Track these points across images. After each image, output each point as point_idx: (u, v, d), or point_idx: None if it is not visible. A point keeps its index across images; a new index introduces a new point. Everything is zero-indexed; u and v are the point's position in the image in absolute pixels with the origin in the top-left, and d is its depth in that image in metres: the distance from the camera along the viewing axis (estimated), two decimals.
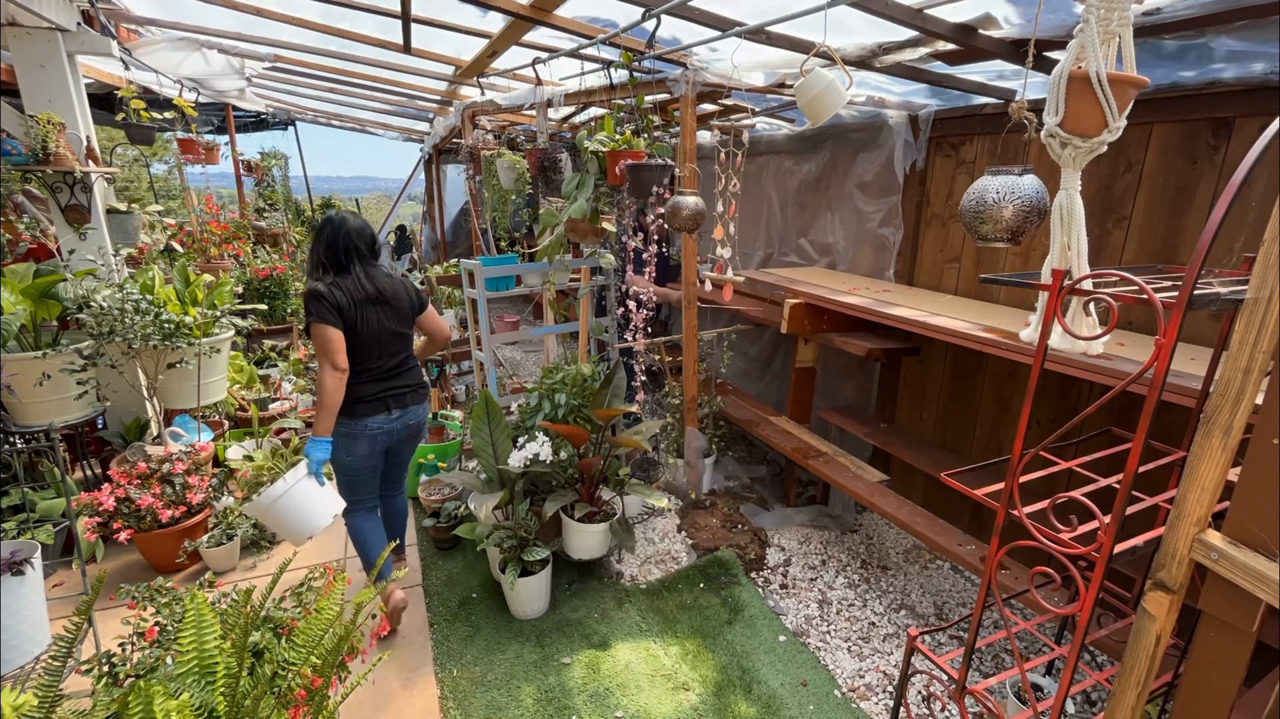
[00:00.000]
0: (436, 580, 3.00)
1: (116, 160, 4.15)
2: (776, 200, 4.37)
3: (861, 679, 2.48)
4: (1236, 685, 1.02)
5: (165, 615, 1.88)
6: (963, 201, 1.46)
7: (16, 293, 2.74)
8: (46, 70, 3.07)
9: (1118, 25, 1.03)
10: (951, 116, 3.04)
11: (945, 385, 3.27)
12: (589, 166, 2.74)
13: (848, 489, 3.05)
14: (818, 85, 1.87)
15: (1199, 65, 2.12)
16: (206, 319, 3.18)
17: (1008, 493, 1.42)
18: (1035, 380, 1.34)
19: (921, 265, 3.31)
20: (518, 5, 2.48)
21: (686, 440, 3.58)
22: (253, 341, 5.58)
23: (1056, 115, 1.07)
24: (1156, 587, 1.10)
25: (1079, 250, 1.13)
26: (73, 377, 2.79)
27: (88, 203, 3.25)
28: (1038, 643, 2.65)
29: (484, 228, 4.49)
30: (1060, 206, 1.12)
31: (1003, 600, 1.53)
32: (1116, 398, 1.13)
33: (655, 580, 3.01)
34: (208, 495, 3.07)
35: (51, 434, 2.75)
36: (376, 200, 14.71)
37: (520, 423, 3.33)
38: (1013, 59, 2.19)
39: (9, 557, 1.86)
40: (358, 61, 4.08)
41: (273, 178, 7.18)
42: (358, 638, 1.91)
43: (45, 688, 1.37)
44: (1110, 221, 2.50)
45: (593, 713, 2.27)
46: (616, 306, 4.07)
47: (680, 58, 2.84)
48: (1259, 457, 0.95)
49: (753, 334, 4.76)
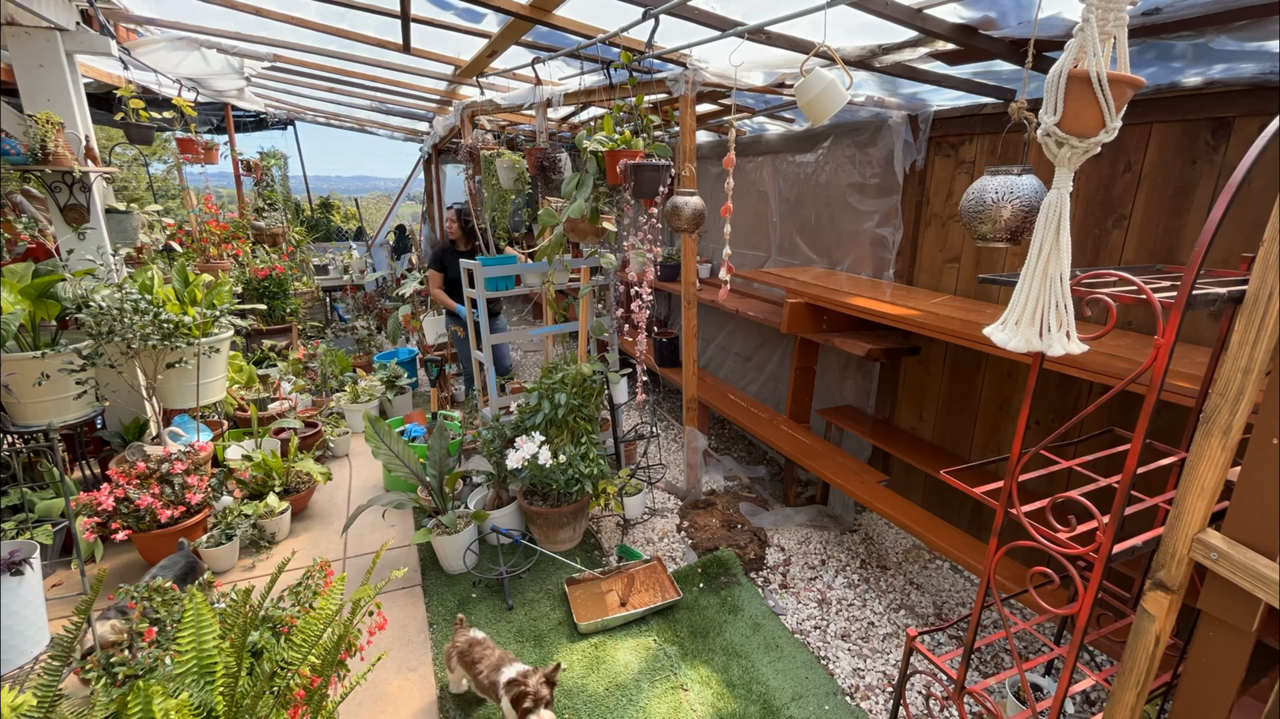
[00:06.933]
0: (436, 580, 3.00)
1: (115, 160, 4.15)
2: (775, 200, 4.37)
3: (861, 679, 2.48)
4: (1236, 685, 1.02)
5: (164, 615, 1.88)
6: (962, 201, 1.46)
7: (15, 292, 2.73)
8: (45, 70, 3.07)
9: (1114, 26, 1.03)
10: (951, 116, 3.04)
11: (944, 385, 3.27)
12: (588, 166, 2.74)
13: (847, 489, 3.05)
14: (818, 85, 1.87)
15: (1199, 65, 2.12)
16: (205, 319, 3.17)
17: (1006, 492, 1.42)
18: (1034, 380, 1.34)
19: (921, 265, 3.31)
20: (517, 5, 2.48)
21: (686, 440, 3.58)
22: (252, 341, 5.58)
23: (1054, 115, 1.07)
24: (1156, 586, 1.10)
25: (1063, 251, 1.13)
26: (71, 376, 2.79)
27: (86, 202, 3.25)
28: (1037, 643, 2.65)
29: (483, 228, 4.48)
30: (1050, 205, 1.12)
31: (1002, 600, 1.53)
32: (1116, 397, 1.13)
33: None
34: (207, 495, 3.07)
35: (50, 434, 2.75)
36: (376, 200, 14.69)
37: (519, 423, 3.34)
38: (1012, 59, 2.19)
39: (8, 557, 1.85)
40: (357, 61, 4.08)
41: (272, 177, 7.18)
42: (355, 635, 1.92)
43: (44, 688, 1.37)
44: (1110, 221, 2.50)
45: (592, 712, 2.27)
46: (616, 307, 4.07)
47: (679, 58, 2.84)
48: (1259, 457, 0.95)
49: (752, 334, 4.76)
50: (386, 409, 5.05)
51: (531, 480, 3.15)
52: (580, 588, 2.90)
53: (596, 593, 2.87)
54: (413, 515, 3.58)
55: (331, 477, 3.67)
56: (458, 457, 3.85)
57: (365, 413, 3.22)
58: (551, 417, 3.22)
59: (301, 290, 6.60)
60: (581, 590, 2.89)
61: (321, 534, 3.41)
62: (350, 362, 5.51)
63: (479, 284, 3.46)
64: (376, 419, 3.14)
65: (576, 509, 3.17)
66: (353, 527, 3.40)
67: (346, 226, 9.98)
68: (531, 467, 3.06)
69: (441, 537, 2.97)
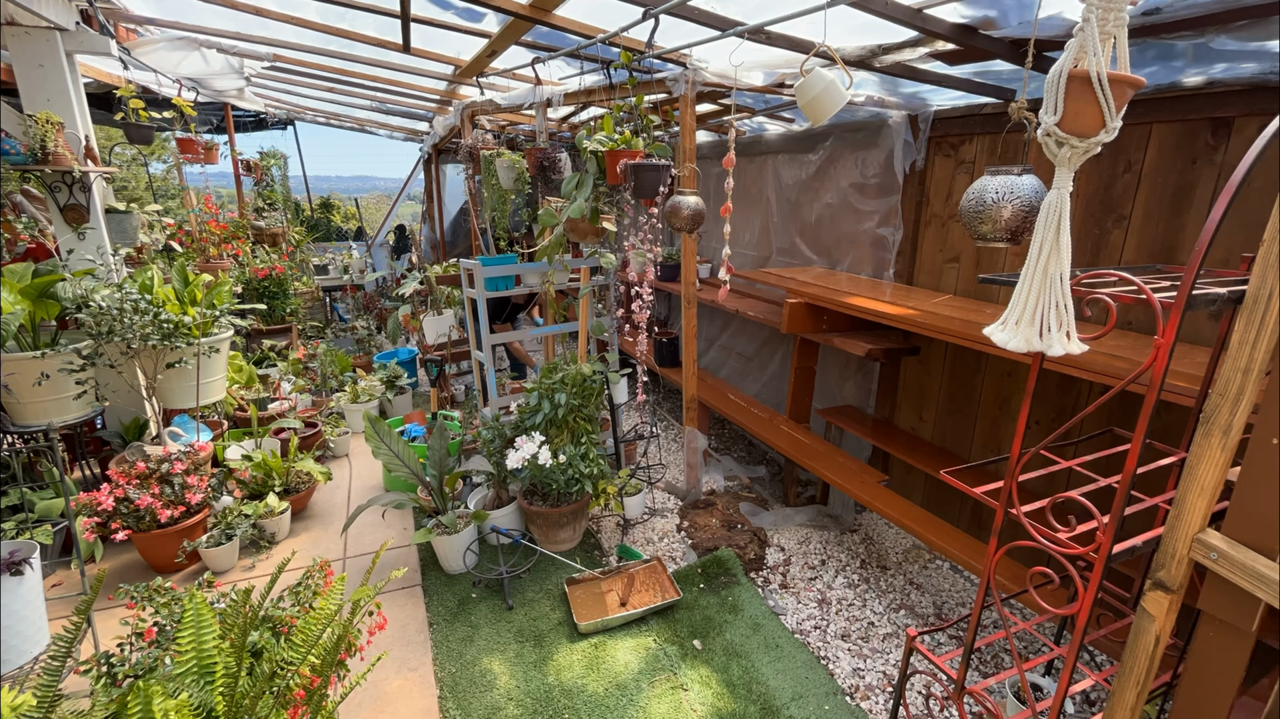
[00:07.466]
0: (436, 580, 3.00)
1: (115, 160, 4.15)
2: (775, 200, 4.37)
3: (861, 679, 2.48)
4: (1236, 685, 1.02)
5: (164, 615, 1.88)
6: (962, 201, 1.46)
7: (15, 292, 2.73)
8: (45, 70, 3.07)
9: (1114, 26, 1.03)
10: (951, 116, 3.04)
11: (944, 385, 3.27)
12: (588, 166, 2.74)
13: (847, 489, 3.05)
14: (818, 85, 1.87)
15: (1199, 65, 2.12)
16: (205, 319, 3.17)
17: (1006, 492, 1.42)
18: (1034, 380, 1.34)
19: (921, 265, 3.31)
20: (517, 5, 2.47)
21: (686, 440, 3.58)
22: (252, 341, 5.58)
23: (1054, 114, 1.07)
24: (1156, 586, 1.10)
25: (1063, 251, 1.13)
26: (71, 376, 2.79)
27: (86, 202, 3.25)
28: (1037, 643, 2.65)
29: (483, 228, 4.48)
30: (1050, 205, 1.12)
31: (1002, 600, 1.53)
32: (1116, 397, 1.13)
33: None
34: (207, 495, 3.07)
35: (50, 434, 2.74)
36: (376, 200, 14.69)
37: (519, 423, 3.34)
38: (1012, 59, 2.19)
39: (8, 557, 1.85)
40: (357, 61, 4.08)
41: (272, 177, 7.18)
42: (355, 635, 1.92)
43: (44, 688, 1.37)
44: (1110, 221, 2.50)
45: (592, 713, 2.27)
46: (616, 307, 4.07)
47: (679, 57, 2.84)
48: (1259, 457, 0.95)
49: (752, 334, 4.76)
50: (386, 409, 5.05)
51: (531, 480, 3.15)
52: (580, 588, 2.90)
53: (596, 593, 2.87)
54: (413, 515, 3.58)
55: (331, 476, 3.67)
56: (458, 457, 3.85)
57: (365, 413, 3.22)
58: (551, 417, 3.22)
59: (301, 290, 6.60)
60: (581, 590, 2.89)
61: (321, 534, 3.41)
62: (350, 362, 5.51)
63: (479, 284, 3.46)
64: (376, 419, 3.14)
65: (576, 509, 3.17)
66: (353, 527, 3.40)
67: (346, 226, 9.98)
68: (531, 467, 3.06)
69: (441, 537, 2.97)
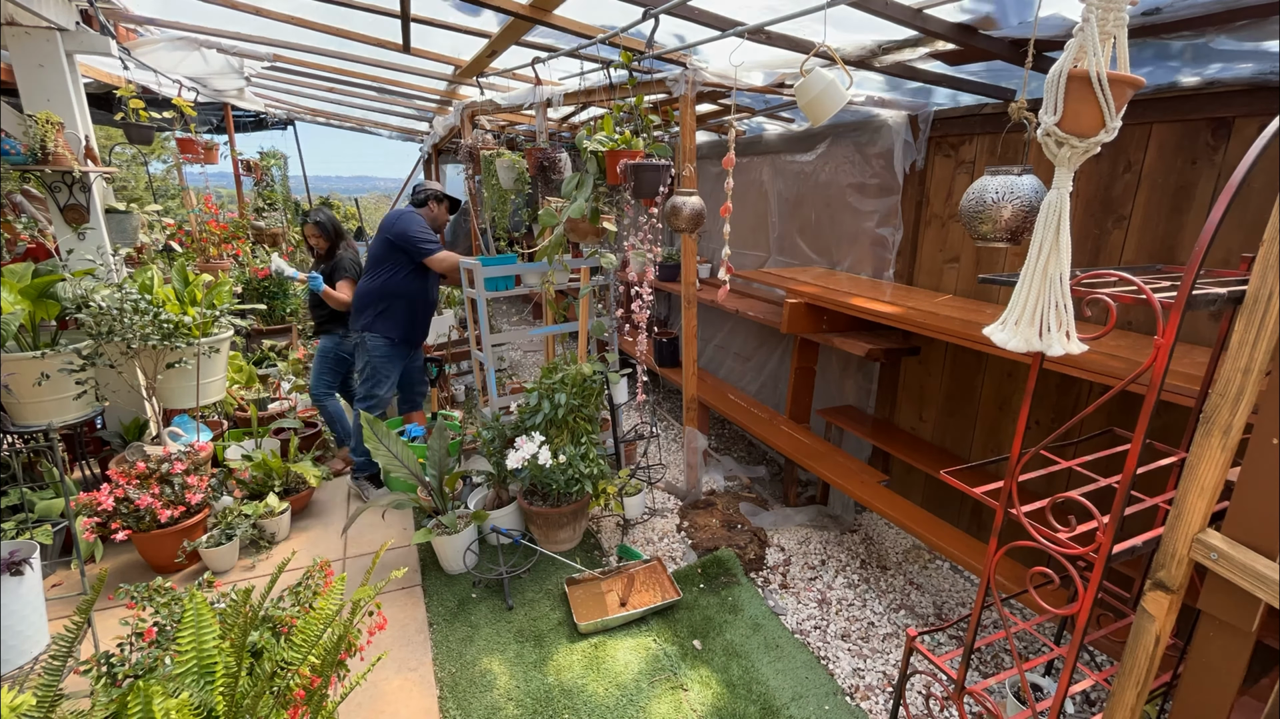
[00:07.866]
0: (436, 580, 3.00)
1: (115, 160, 4.15)
2: (775, 200, 4.37)
3: (861, 679, 2.48)
4: (1236, 685, 1.02)
5: (164, 615, 1.88)
6: (962, 201, 1.46)
7: (15, 292, 2.73)
8: (45, 70, 3.07)
9: (1113, 26, 1.03)
10: (951, 116, 3.04)
11: (944, 385, 3.27)
12: (588, 166, 2.74)
13: (847, 489, 3.05)
14: (818, 85, 1.87)
15: (1198, 65, 2.12)
16: (205, 319, 3.17)
17: (1006, 492, 1.42)
18: (1034, 380, 1.34)
19: (921, 265, 3.31)
20: (517, 5, 2.47)
21: (686, 440, 3.58)
22: (252, 341, 5.58)
23: (1054, 115, 1.07)
24: (1156, 587, 1.10)
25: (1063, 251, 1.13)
26: (71, 376, 2.79)
27: (86, 202, 3.25)
28: (1037, 643, 2.65)
29: (483, 228, 4.48)
30: (1050, 205, 1.12)
31: (1002, 600, 1.53)
32: (1116, 397, 1.13)
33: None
34: (207, 495, 3.07)
35: (50, 434, 2.74)
36: (375, 200, 14.69)
37: (519, 423, 3.34)
38: (1012, 59, 2.19)
39: (8, 557, 1.85)
40: (357, 61, 4.08)
41: (272, 177, 7.18)
42: (355, 635, 1.92)
43: (44, 688, 1.37)
44: (1109, 221, 2.50)
45: (591, 713, 2.27)
46: (616, 307, 4.07)
47: (679, 57, 2.84)
48: (1259, 457, 0.95)
49: (751, 334, 4.76)
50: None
51: (531, 480, 3.15)
52: (580, 588, 2.90)
53: (596, 593, 2.87)
54: (412, 515, 3.58)
55: (330, 477, 3.67)
56: (458, 457, 3.85)
57: (364, 413, 3.22)
58: (551, 417, 3.22)
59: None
60: (581, 590, 2.89)
61: (321, 534, 3.41)
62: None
63: (479, 284, 3.46)
64: (375, 420, 3.14)
65: (576, 509, 3.17)
66: (353, 527, 3.40)
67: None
68: (531, 467, 3.06)
69: (441, 537, 2.97)
